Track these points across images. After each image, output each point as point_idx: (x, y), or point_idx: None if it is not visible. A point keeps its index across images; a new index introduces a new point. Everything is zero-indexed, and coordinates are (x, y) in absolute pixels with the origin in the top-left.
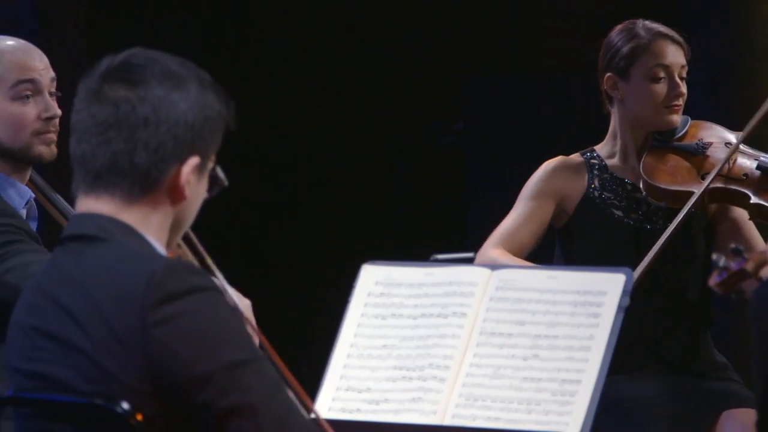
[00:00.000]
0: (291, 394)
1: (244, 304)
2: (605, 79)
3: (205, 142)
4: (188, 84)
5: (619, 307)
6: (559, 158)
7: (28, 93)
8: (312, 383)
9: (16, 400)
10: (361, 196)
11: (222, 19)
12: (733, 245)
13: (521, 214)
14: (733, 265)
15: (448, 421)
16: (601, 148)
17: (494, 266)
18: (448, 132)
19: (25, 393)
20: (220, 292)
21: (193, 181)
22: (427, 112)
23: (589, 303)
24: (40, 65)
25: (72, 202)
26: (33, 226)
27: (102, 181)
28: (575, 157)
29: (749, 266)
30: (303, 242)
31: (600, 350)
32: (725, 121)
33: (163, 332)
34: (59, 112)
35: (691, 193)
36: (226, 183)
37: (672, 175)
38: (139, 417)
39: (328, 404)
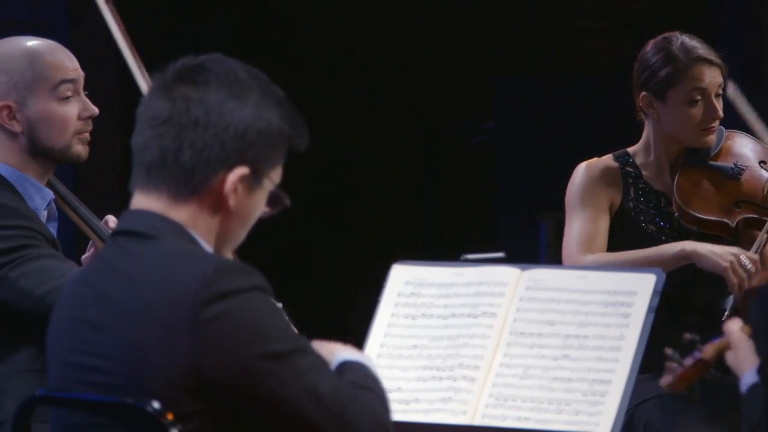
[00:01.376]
0: None
1: None
2: (641, 97)
3: (257, 154)
4: (249, 94)
5: (650, 308)
6: (597, 162)
7: (70, 93)
8: None
9: (47, 399)
10: (391, 195)
11: (254, 20)
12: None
13: (587, 219)
14: (687, 359)
15: (478, 421)
16: (636, 154)
17: (524, 266)
18: (478, 132)
19: (55, 392)
20: (267, 291)
21: (241, 191)
22: (457, 111)
23: (619, 303)
24: (75, 65)
25: (123, 200)
26: (53, 227)
27: (151, 176)
28: (610, 162)
29: (707, 354)
30: (333, 242)
31: (630, 350)
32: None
33: (214, 328)
34: (97, 111)
35: (723, 223)
36: (287, 202)
37: (705, 202)
38: (170, 416)
39: None
